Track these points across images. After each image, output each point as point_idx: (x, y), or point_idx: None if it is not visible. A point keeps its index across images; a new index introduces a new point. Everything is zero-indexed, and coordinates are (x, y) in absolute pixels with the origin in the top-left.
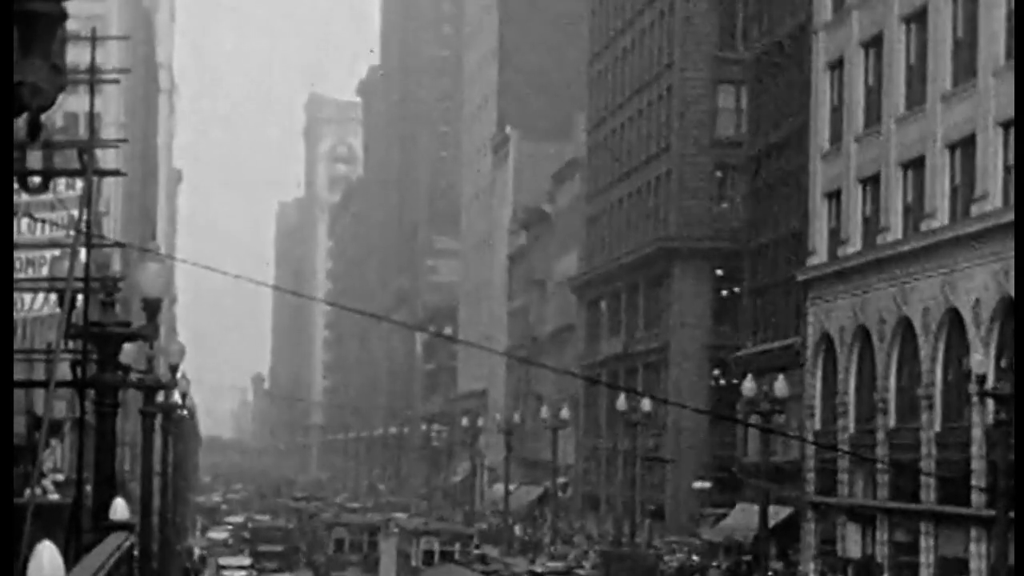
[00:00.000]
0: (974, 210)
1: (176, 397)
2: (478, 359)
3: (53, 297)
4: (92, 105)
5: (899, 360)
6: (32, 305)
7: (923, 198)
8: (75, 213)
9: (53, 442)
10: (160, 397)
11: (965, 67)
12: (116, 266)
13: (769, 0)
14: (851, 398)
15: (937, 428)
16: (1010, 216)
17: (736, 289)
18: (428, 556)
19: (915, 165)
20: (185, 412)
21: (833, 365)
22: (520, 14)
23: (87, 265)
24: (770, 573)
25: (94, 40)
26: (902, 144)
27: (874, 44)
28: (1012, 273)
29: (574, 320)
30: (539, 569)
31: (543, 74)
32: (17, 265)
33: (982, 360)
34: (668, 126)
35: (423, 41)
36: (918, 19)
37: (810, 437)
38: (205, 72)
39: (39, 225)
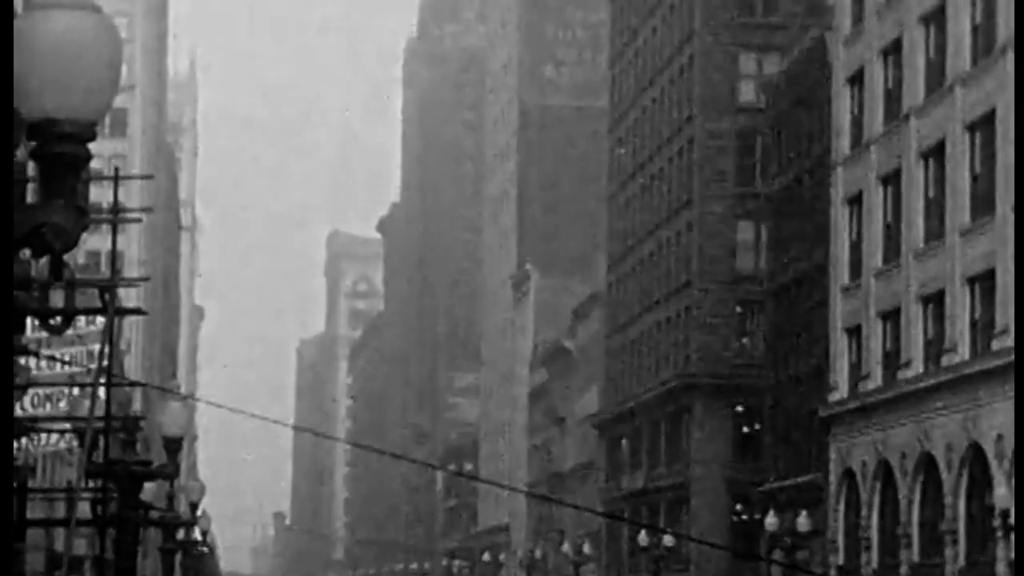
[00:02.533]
0: (995, 345)
1: (196, 534)
2: (499, 495)
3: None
4: (114, 244)
5: (922, 495)
6: (50, 440)
7: (943, 333)
8: (94, 348)
9: None
10: (180, 534)
11: (983, 201)
12: (137, 404)
13: (787, 135)
14: (874, 533)
15: (961, 563)
16: None
17: (757, 425)
18: None
19: (935, 300)
20: (205, 549)
21: (856, 500)
22: (539, 152)
23: (107, 404)
24: None
25: (116, 179)
26: (921, 279)
27: (892, 179)
28: None
29: (595, 456)
30: None
31: (563, 210)
32: (35, 400)
33: (1005, 495)
34: (688, 262)
35: (443, 178)
36: (936, 154)
37: (833, 573)
38: (227, 210)
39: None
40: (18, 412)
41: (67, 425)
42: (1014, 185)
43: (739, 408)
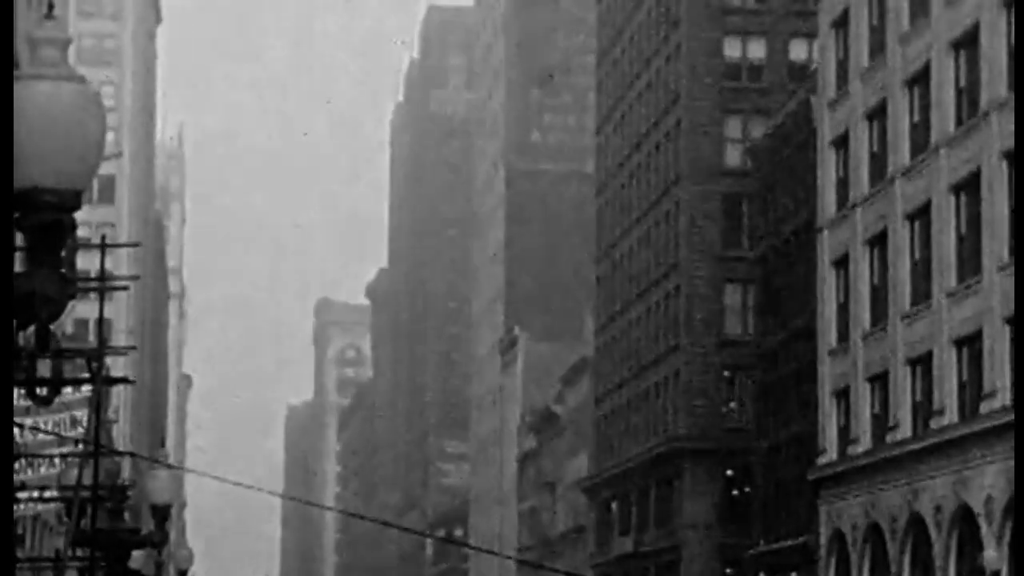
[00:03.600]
0: (983, 407)
1: None
2: (489, 560)
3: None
4: (102, 312)
5: (912, 557)
6: (35, 506)
7: (932, 395)
8: (80, 416)
9: None
10: None
11: (969, 263)
12: (125, 472)
13: (773, 199)
14: None
15: None
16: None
17: (747, 488)
18: None
19: (923, 362)
20: None
21: (846, 563)
22: (526, 216)
23: (95, 474)
24: None
25: (104, 248)
26: (909, 341)
27: (878, 241)
28: None
29: (585, 521)
30: None
31: (550, 275)
32: (19, 465)
33: (995, 556)
34: (675, 326)
35: (430, 244)
36: (921, 216)
37: None
38: (213, 278)
39: (46, 424)
40: None
41: (54, 492)
42: (1014, 239)
43: (729, 471)
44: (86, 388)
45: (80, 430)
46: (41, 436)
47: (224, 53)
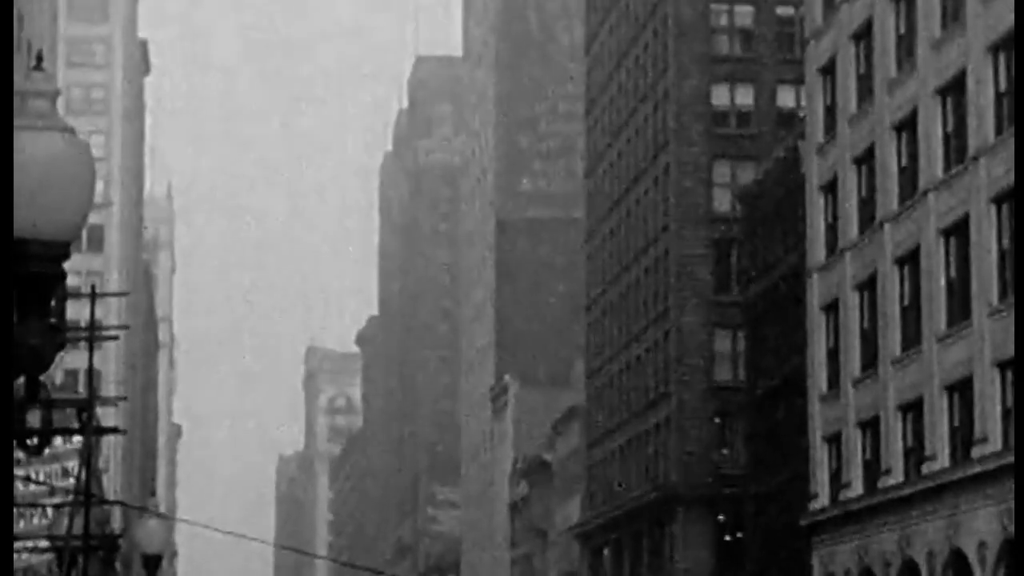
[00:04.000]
0: (975, 452)
1: None
2: None
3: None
4: (91, 362)
5: None
6: (28, 558)
7: (923, 440)
8: (70, 466)
9: None
10: None
11: (960, 308)
12: (116, 522)
13: (762, 244)
14: None
15: None
16: (1011, 458)
17: (739, 534)
18: None
19: (914, 407)
20: None
21: None
22: (516, 263)
23: (86, 524)
24: None
25: (93, 297)
26: (900, 386)
27: (868, 286)
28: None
29: (577, 568)
30: None
31: (541, 321)
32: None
33: None
34: (666, 372)
35: (420, 291)
36: (910, 261)
37: None
38: (205, 327)
39: (36, 474)
40: None
41: (47, 544)
42: (1015, 276)
43: (721, 517)
44: (76, 438)
45: (71, 480)
46: (32, 487)
47: (212, 104)
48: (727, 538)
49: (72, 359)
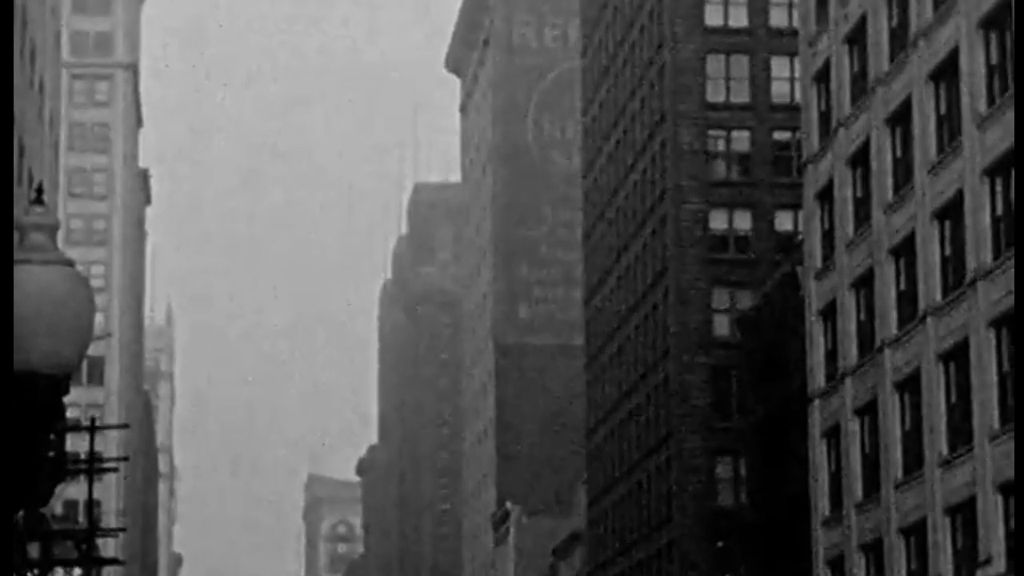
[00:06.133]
0: (979, 574)
1: None
2: None
3: None
4: (91, 494)
5: None
6: None
7: (926, 564)
8: None
9: None
10: None
11: (961, 432)
12: None
13: (762, 369)
14: None
15: None
16: None
17: None
18: None
19: (916, 531)
20: None
21: None
22: (516, 390)
23: None
24: None
25: (93, 430)
26: (902, 510)
27: (869, 411)
28: None
29: None
30: None
31: (542, 448)
32: None
33: None
34: (668, 498)
35: (421, 418)
36: (911, 385)
37: None
38: (204, 456)
39: None
40: None
41: None
42: (1015, 400)
43: None
44: (77, 570)
45: None
46: None
47: (212, 232)
48: None
49: (72, 490)
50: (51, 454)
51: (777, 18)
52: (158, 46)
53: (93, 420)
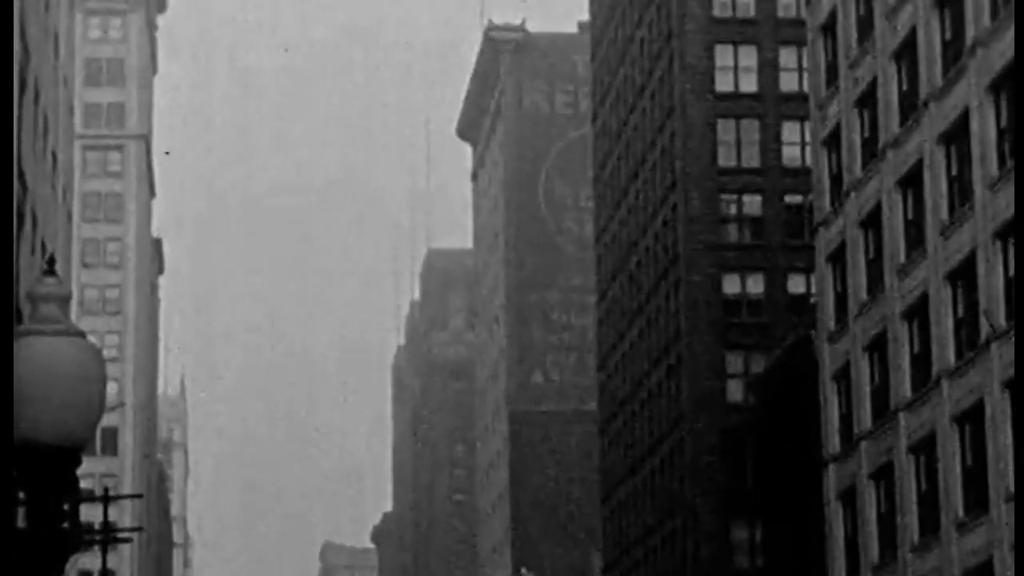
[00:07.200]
0: None
1: None
2: None
3: None
4: (105, 564)
5: None
6: None
7: None
8: None
9: None
10: None
11: (977, 495)
12: None
13: (777, 433)
14: None
15: None
16: None
17: None
18: None
19: None
20: None
21: None
22: (530, 457)
23: None
24: None
25: (107, 500)
26: (919, 573)
27: (884, 474)
28: None
29: None
30: None
31: (556, 514)
32: None
33: None
34: (683, 563)
35: (435, 486)
36: (926, 448)
37: None
38: (217, 524)
39: None
40: None
41: None
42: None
43: None
44: None
45: None
46: None
47: (226, 303)
48: None
49: (87, 560)
50: (65, 525)
51: (787, 83)
52: (169, 116)
53: (107, 490)
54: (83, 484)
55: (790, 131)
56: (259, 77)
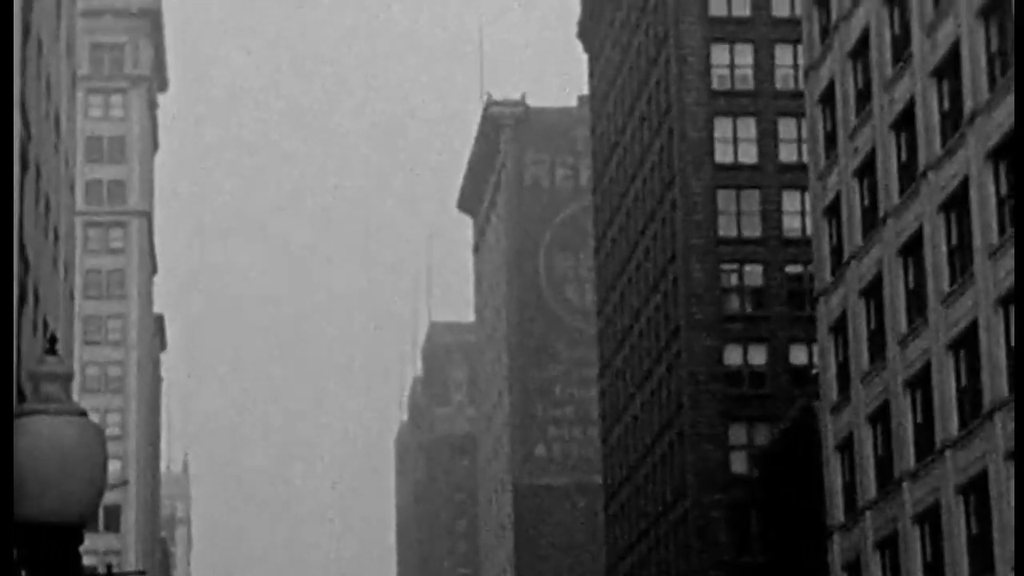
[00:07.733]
0: None
1: None
2: None
3: None
4: None
5: None
6: None
7: None
8: None
9: None
10: None
11: (982, 564)
12: None
13: (780, 504)
14: None
15: None
16: None
17: None
18: None
19: None
20: None
21: None
22: (534, 530)
23: None
24: None
25: None
26: None
27: (889, 545)
28: None
29: None
30: None
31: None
32: None
33: None
34: None
35: (440, 560)
36: (931, 518)
37: None
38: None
39: None
40: None
41: None
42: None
43: None
44: None
45: None
46: None
47: (226, 378)
48: None
49: None
50: None
51: (786, 153)
52: (170, 192)
53: (110, 567)
54: (86, 561)
55: (790, 201)
56: (260, 153)
